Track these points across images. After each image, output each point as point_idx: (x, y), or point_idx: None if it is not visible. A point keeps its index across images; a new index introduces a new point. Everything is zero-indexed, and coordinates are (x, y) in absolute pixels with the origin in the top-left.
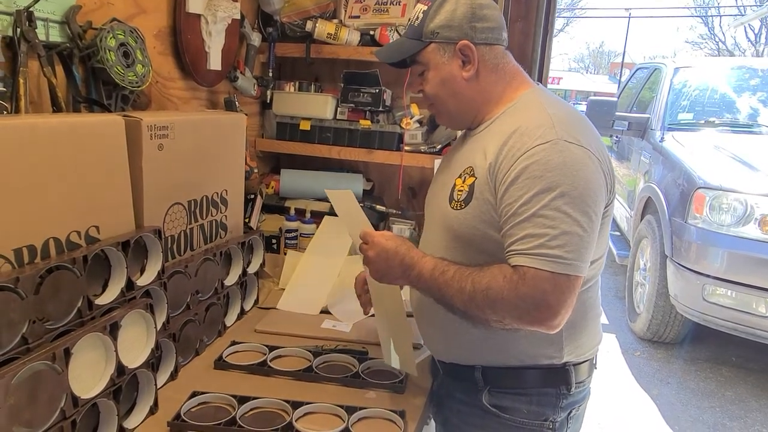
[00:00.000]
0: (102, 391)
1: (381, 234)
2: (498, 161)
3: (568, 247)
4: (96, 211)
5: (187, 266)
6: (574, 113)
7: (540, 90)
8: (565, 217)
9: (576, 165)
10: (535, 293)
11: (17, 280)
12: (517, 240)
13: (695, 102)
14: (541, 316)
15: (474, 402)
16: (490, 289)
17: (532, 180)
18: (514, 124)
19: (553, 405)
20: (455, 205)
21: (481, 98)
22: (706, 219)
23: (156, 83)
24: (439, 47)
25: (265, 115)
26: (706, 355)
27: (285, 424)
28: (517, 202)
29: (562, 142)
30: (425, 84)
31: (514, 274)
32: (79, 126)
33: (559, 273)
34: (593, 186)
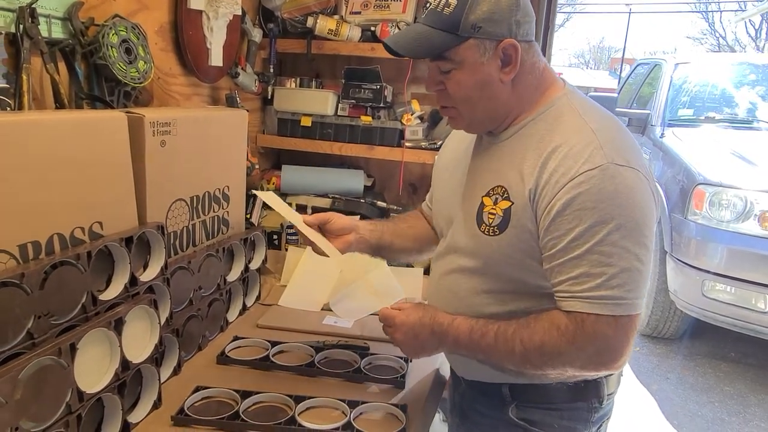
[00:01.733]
0: (107, 385)
1: (399, 313)
2: (539, 187)
3: (628, 286)
4: (99, 207)
5: (189, 262)
6: (615, 124)
7: (572, 91)
8: (623, 252)
9: (629, 192)
10: (596, 340)
11: (22, 275)
12: (570, 280)
13: (695, 98)
14: (604, 360)
15: (500, 416)
16: (544, 346)
17: (582, 212)
18: (553, 139)
19: (585, 420)
20: (487, 230)
21: (513, 103)
22: (706, 215)
23: (158, 79)
24: (480, 44)
25: (266, 111)
26: (705, 351)
27: (288, 419)
28: (567, 237)
29: (613, 167)
30: (451, 84)
31: (570, 324)
32: (82, 122)
33: (621, 315)
34: (647, 212)
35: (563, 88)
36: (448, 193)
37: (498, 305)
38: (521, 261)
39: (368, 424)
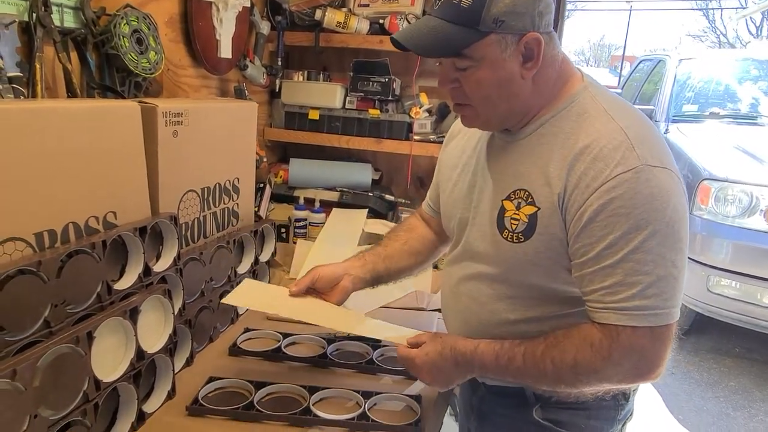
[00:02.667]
0: (122, 375)
1: (417, 352)
2: (568, 191)
3: (665, 294)
4: (113, 197)
5: (201, 253)
6: (644, 120)
7: (592, 83)
8: (659, 259)
9: (665, 195)
10: (633, 354)
11: (39, 263)
12: (602, 290)
13: (700, 93)
14: (642, 372)
15: (524, 417)
16: (578, 365)
17: (616, 218)
18: (579, 139)
19: (612, 418)
20: (510, 237)
21: (534, 99)
22: (712, 210)
23: (167, 71)
24: (502, 40)
25: (273, 105)
26: (709, 346)
27: (303, 408)
28: (599, 244)
29: (647, 169)
30: (469, 83)
31: (604, 339)
32: (96, 111)
33: (658, 326)
34: (682, 214)
35: (583, 80)
36: (459, 195)
37: (522, 311)
38: (548, 269)
39: (383, 414)
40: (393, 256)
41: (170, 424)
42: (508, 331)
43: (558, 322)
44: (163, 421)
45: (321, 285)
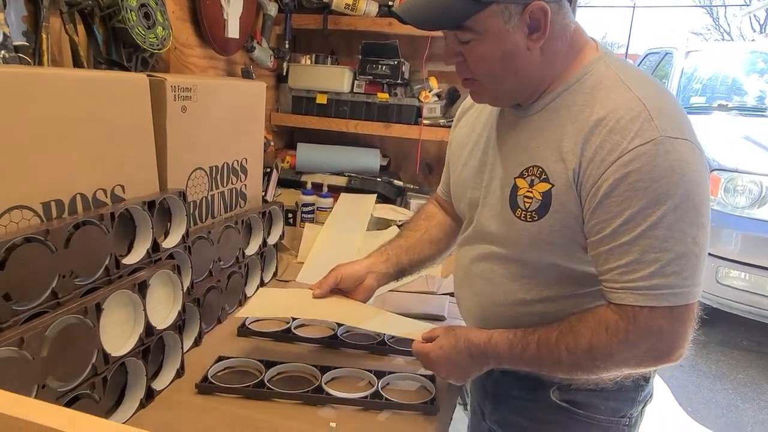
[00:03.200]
0: (131, 350)
1: (432, 347)
2: (583, 166)
3: (685, 273)
4: (121, 170)
5: (209, 232)
6: (663, 90)
7: (607, 53)
8: (679, 235)
9: (686, 167)
10: (650, 336)
11: (47, 232)
12: (619, 268)
13: (707, 86)
14: (661, 354)
15: (541, 398)
16: (594, 350)
17: (634, 193)
18: (594, 111)
19: (632, 399)
20: (523, 215)
21: (543, 72)
22: (721, 201)
23: (174, 49)
24: (504, 10)
25: (280, 89)
26: (717, 339)
27: (315, 387)
28: (616, 221)
29: (667, 140)
30: (473, 57)
31: (620, 321)
32: (104, 80)
33: (678, 305)
34: (704, 188)
35: (597, 50)
36: (469, 174)
37: (537, 291)
38: (564, 247)
39: (397, 394)
40: (414, 247)
41: (179, 402)
42: (523, 312)
43: (575, 301)
44: (172, 399)
45: (345, 285)
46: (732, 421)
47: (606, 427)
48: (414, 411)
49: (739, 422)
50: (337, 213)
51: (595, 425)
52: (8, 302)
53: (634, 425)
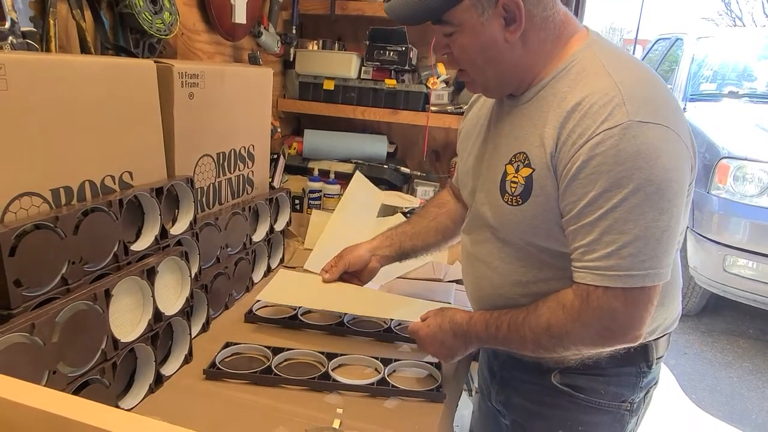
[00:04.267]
0: (140, 336)
1: (422, 325)
2: (558, 149)
3: (642, 255)
4: (129, 156)
5: (217, 219)
6: (645, 74)
7: (598, 41)
8: (639, 218)
9: (653, 152)
10: (602, 316)
11: (56, 219)
12: (582, 248)
13: (718, 72)
14: (614, 335)
15: (543, 382)
16: (551, 328)
17: (598, 175)
18: (574, 96)
19: (633, 385)
20: (510, 200)
21: (527, 63)
22: (730, 189)
23: (182, 35)
24: (477, 4)
25: (287, 75)
26: (723, 327)
27: (322, 374)
28: (581, 201)
29: (635, 125)
30: (456, 49)
31: (575, 300)
32: (111, 67)
33: (632, 287)
34: (673, 173)
35: (587, 37)
36: (471, 163)
37: (533, 272)
38: (548, 230)
39: (403, 380)
40: (420, 234)
41: (188, 388)
42: (520, 293)
43: (570, 282)
44: (180, 385)
45: (352, 269)
46: (736, 408)
47: (607, 411)
48: (420, 398)
49: (743, 410)
50: (350, 194)
51: (595, 409)
52: (19, 288)
53: (635, 410)
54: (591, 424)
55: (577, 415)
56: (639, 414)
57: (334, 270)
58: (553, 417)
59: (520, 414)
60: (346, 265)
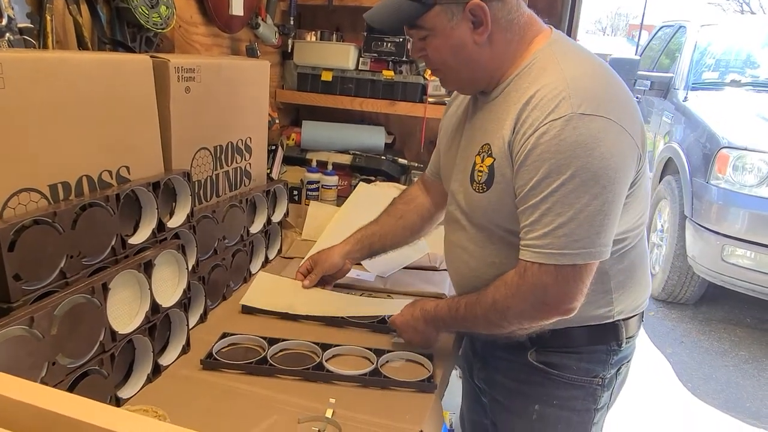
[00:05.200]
0: (138, 327)
1: (397, 316)
2: (513, 139)
3: (575, 236)
4: (126, 151)
5: (214, 211)
6: (596, 70)
7: (558, 41)
8: (575, 202)
9: (592, 142)
10: (535, 290)
11: (54, 214)
12: (525, 227)
13: (720, 61)
14: (549, 308)
15: (520, 359)
16: (496, 303)
17: (541, 162)
18: (529, 90)
19: (604, 362)
20: (477, 188)
21: (495, 62)
22: (729, 179)
23: (179, 28)
24: (446, 10)
25: (285, 66)
26: (720, 316)
27: (316, 364)
28: (527, 186)
29: (577, 117)
30: (430, 50)
31: (514, 275)
32: (107, 63)
33: (563, 265)
34: (611, 162)
35: (549, 37)
36: (449, 158)
37: (505, 254)
38: (511, 215)
39: (395, 371)
40: (388, 233)
41: (185, 377)
42: (496, 274)
43: None
44: (178, 375)
45: (328, 273)
46: (731, 397)
47: (580, 386)
48: (411, 389)
49: (738, 398)
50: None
51: (569, 384)
52: (18, 282)
53: (607, 385)
54: (564, 398)
55: (552, 390)
56: (612, 388)
57: (313, 277)
58: (529, 393)
59: (499, 391)
60: (323, 272)
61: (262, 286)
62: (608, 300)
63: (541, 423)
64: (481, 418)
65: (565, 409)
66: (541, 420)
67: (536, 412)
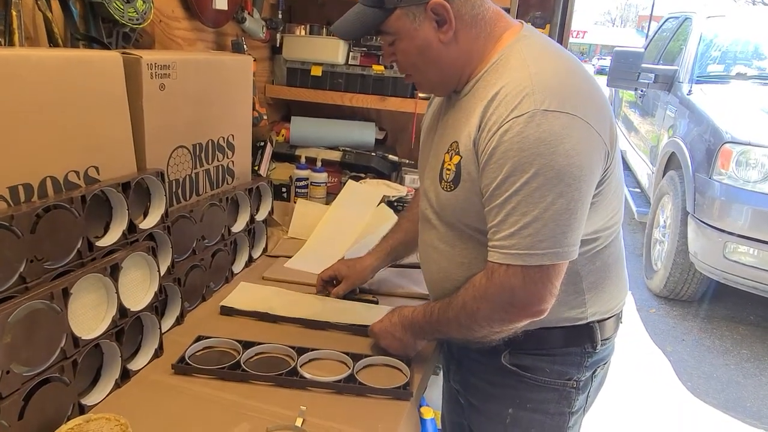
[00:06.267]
0: (104, 332)
1: (376, 323)
2: (478, 136)
3: (541, 236)
4: (95, 151)
5: (191, 211)
6: (562, 66)
7: (527, 36)
8: (539, 201)
9: (556, 139)
10: (503, 292)
11: (12, 217)
12: (492, 228)
13: (727, 53)
14: (517, 310)
15: (494, 362)
16: (465, 305)
17: (504, 160)
18: (495, 87)
19: (578, 364)
20: (445, 186)
21: (463, 59)
22: (732, 175)
23: (159, 22)
24: (407, 12)
25: (275, 61)
26: (723, 314)
27: (289, 370)
28: (492, 185)
29: (540, 113)
30: (399, 54)
31: (482, 277)
32: (74, 60)
33: (530, 266)
34: (576, 159)
35: (518, 33)
36: (423, 156)
37: (474, 253)
38: (478, 213)
39: (371, 377)
40: (410, 241)
41: (155, 382)
42: (465, 275)
43: None
44: (148, 379)
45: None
46: (731, 396)
47: (553, 389)
48: (387, 395)
49: (738, 398)
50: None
51: (542, 387)
52: None
53: (582, 388)
54: (538, 401)
55: (525, 393)
56: (587, 391)
57: (341, 290)
58: (503, 396)
59: (473, 393)
60: (353, 286)
61: (243, 291)
62: (580, 301)
63: (514, 426)
64: (461, 419)
65: (539, 412)
66: (514, 423)
67: (510, 415)
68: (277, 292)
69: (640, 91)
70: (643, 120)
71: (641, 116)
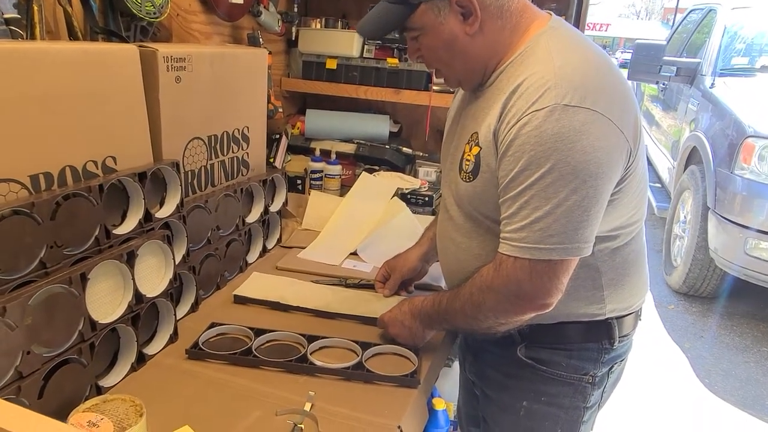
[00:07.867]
0: (120, 317)
1: (386, 312)
2: (498, 127)
3: (551, 230)
4: (112, 141)
5: (207, 201)
6: (590, 61)
7: (555, 27)
8: (552, 196)
9: (574, 134)
10: (509, 283)
11: (32, 205)
12: (505, 219)
13: (752, 45)
14: (522, 303)
15: (510, 354)
16: (472, 295)
17: (521, 153)
18: (517, 79)
19: (595, 360)
20: (464, 177)
21: (490, 51)
22: (754, 169)
23: (177, 16)
24: (432, 6)
25: (290, 54)
26: (744, 311)
27: (299, 356)
28: (507, 177)
29: (561, 108)
30: (424, 50)
31: (490, 268)
32: (92, 53)
33: (538, 260)
34: (593, 156)
35: (546, 24)
36: (446, 147)
37: (491, 244)
38: (496, 204)
39: (379, 365)
40: None
41: (170, 367)
42: (482, 266)
43: None
44: (163, 364)
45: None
46: (750, 394)
47: (569, 384)
48: (394, 383)
49: (757, 396)
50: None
51: (558, 381)
52: None
53: (598, 384)
54: (552, 394)
55: (540, 386)
56: (603, 387)
57: (392, 284)
58: (518, 388)
59: (488, 385)
60: (402, 277)
61: (256, 281)
62: (599, 297)
63: (528, 419)
64: (476, 411)
65: (553, 405)
66: (528, 416)
67: (524, 407)
68: (290, 282)
69: (662, 84)
70: (665, 114)
71: (663, 110)
